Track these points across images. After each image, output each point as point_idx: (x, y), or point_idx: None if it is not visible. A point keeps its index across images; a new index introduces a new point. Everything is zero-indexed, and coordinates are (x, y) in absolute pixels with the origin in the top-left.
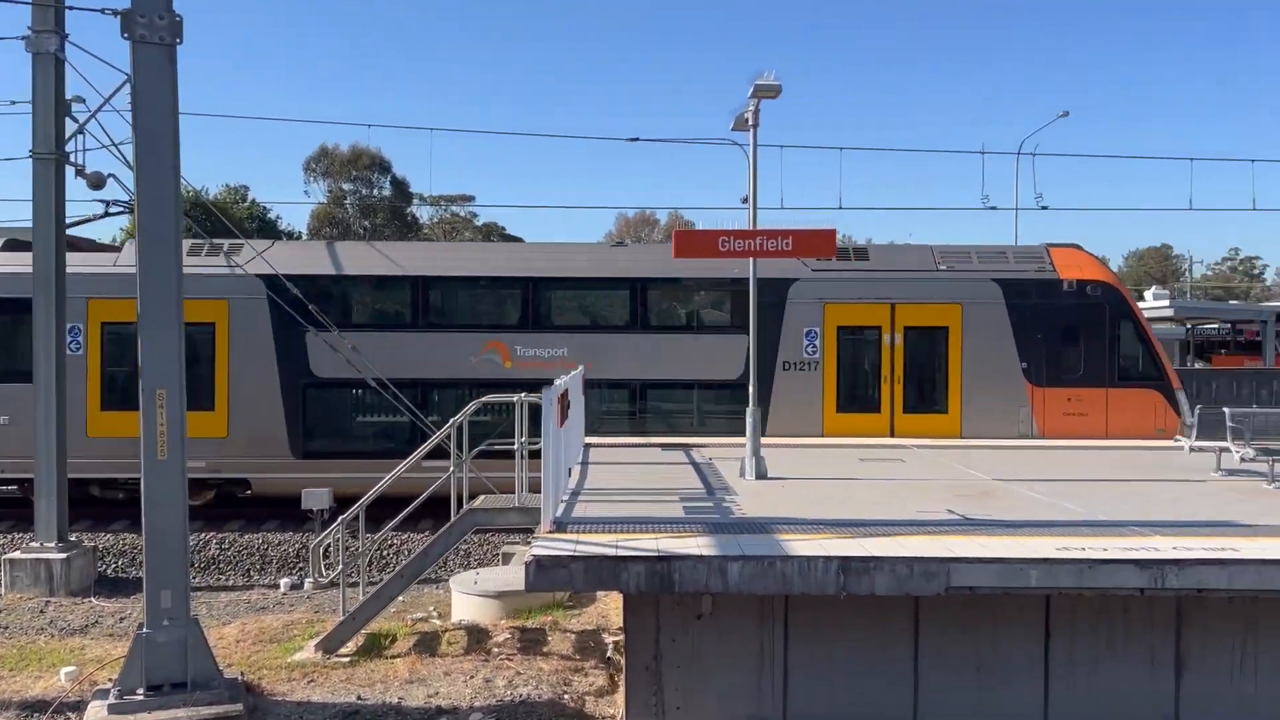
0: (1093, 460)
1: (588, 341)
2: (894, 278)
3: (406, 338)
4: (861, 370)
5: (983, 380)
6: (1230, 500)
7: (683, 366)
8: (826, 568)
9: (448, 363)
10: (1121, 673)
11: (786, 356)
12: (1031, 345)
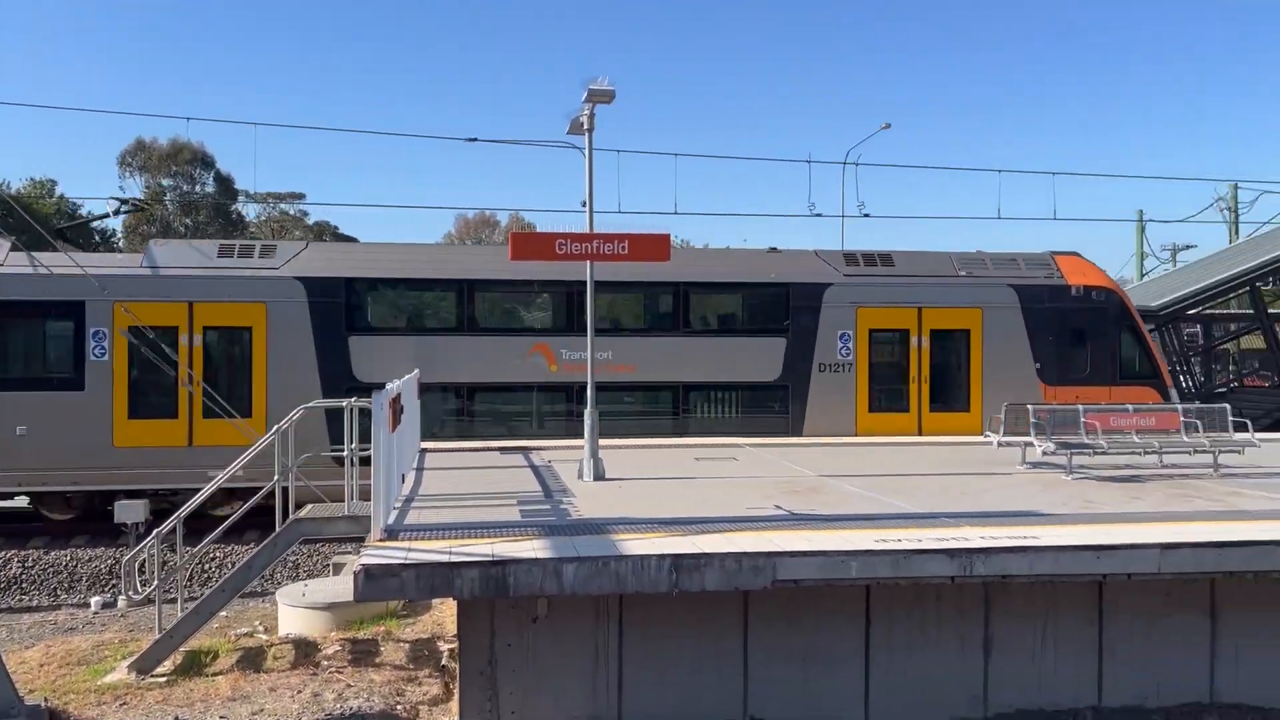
0: (913, 456)
1: (631, 344)
2: (920, 283)
3: (453, 341)
4: (891, 371)
5: (1001, 380)
6: (1033, 491)
7: (723, 368)
8: (659, 566)
9: (495, 366)
10: (935, 657)
11: (822, 359)
12: (1043, 346)
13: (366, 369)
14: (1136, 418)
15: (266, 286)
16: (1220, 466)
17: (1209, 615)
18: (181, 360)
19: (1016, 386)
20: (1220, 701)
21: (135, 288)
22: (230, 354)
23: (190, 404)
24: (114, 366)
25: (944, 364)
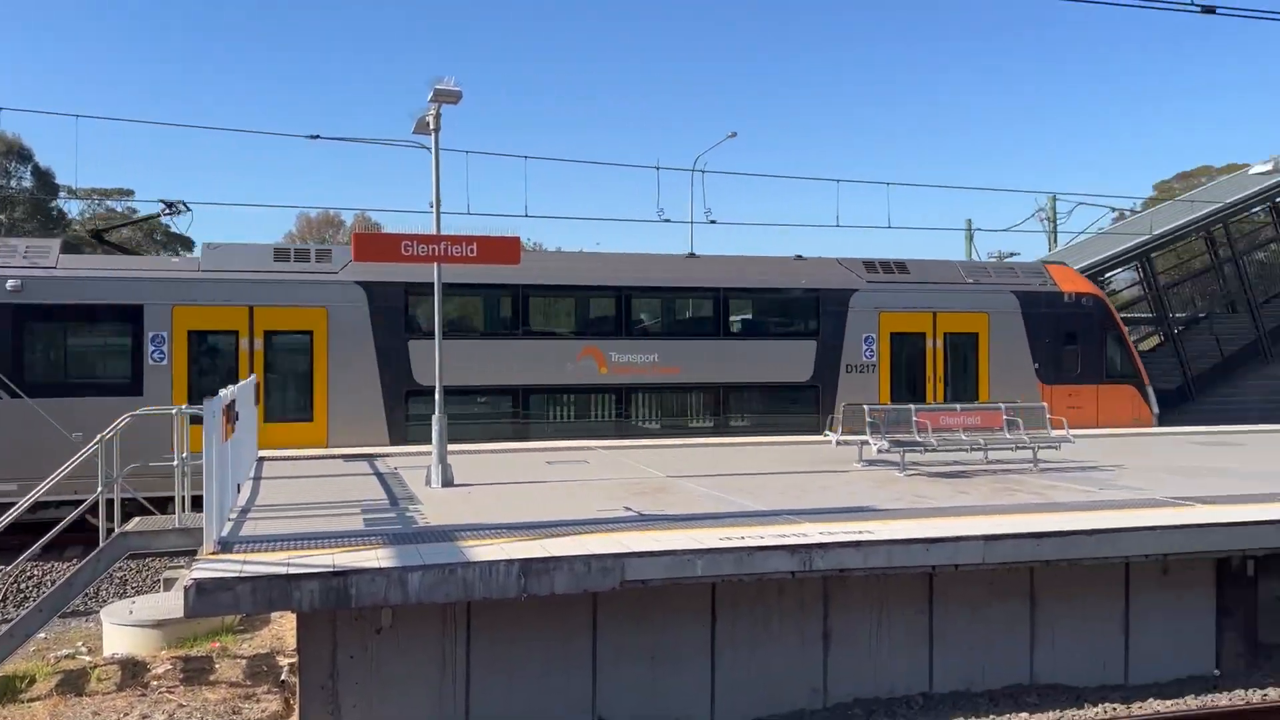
0: (759, 455)
1: (676, 346)
2: (935, 289)
3: (508, 345)
4: (909, 372)
5: (1005, 379)
6: (868, 488)
7: (759, 369)
8: (508, 571)
9: (548, 369)
10: (777, 651)
11: (849, 360)
12: (1041, 348)
13: (426, 372)
14: (963, 416)
15: (327, 291)
16: (1039, 461)
17: (1029, 602)
18: (243, 362)
19: (1018, 385)
20: (1039, 683)
21: (195, 292)
22: (291, 358)
23: None
24: (173, 370)
25: (956, 364)
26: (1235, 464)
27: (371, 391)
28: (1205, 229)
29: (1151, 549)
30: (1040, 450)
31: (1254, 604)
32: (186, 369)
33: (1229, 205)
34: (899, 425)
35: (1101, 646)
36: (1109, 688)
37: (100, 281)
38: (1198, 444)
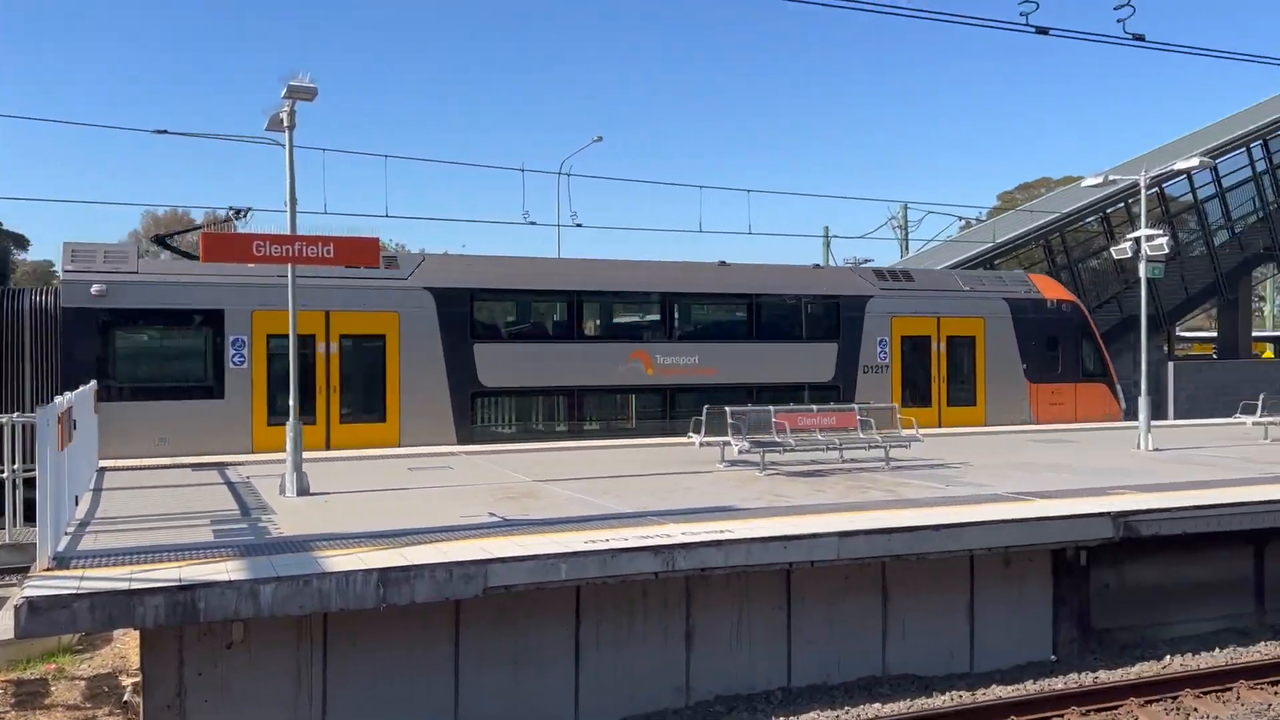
0: (625, 457)
1: (714, 349)
2: (939, 296)
3: (563, 348)
4: (917, 371)
5: (998, 379)
6: (730, 487)
7: (788, 370)
8: (366, 580)
9: (600, 371)
10: (641, 651)
11: (866, 361)
12: (1028, 350)
13: (490, 374)
14: (820, 417)
15: (398, 296)
16: (891, 460)
17: (881, 596)
18: (319, 366)
19: (1009, 384)
20: (891, 674)
21: (274, 296)
22: (365, 361)
23: (328, 409)
24: (253, 374)
25: (956, 365)
26: (1070, 460)
27: (440, 393)
28: (1044, 237)
29: (994, 542)
30: (892, 449)
31: (1086, 592)
32: (265, 373)
33: (1065, 215)
34: (759, 427)
35: (949, 637)
36: (955, 676)
37: (181, 286)
38: (1037, 442)
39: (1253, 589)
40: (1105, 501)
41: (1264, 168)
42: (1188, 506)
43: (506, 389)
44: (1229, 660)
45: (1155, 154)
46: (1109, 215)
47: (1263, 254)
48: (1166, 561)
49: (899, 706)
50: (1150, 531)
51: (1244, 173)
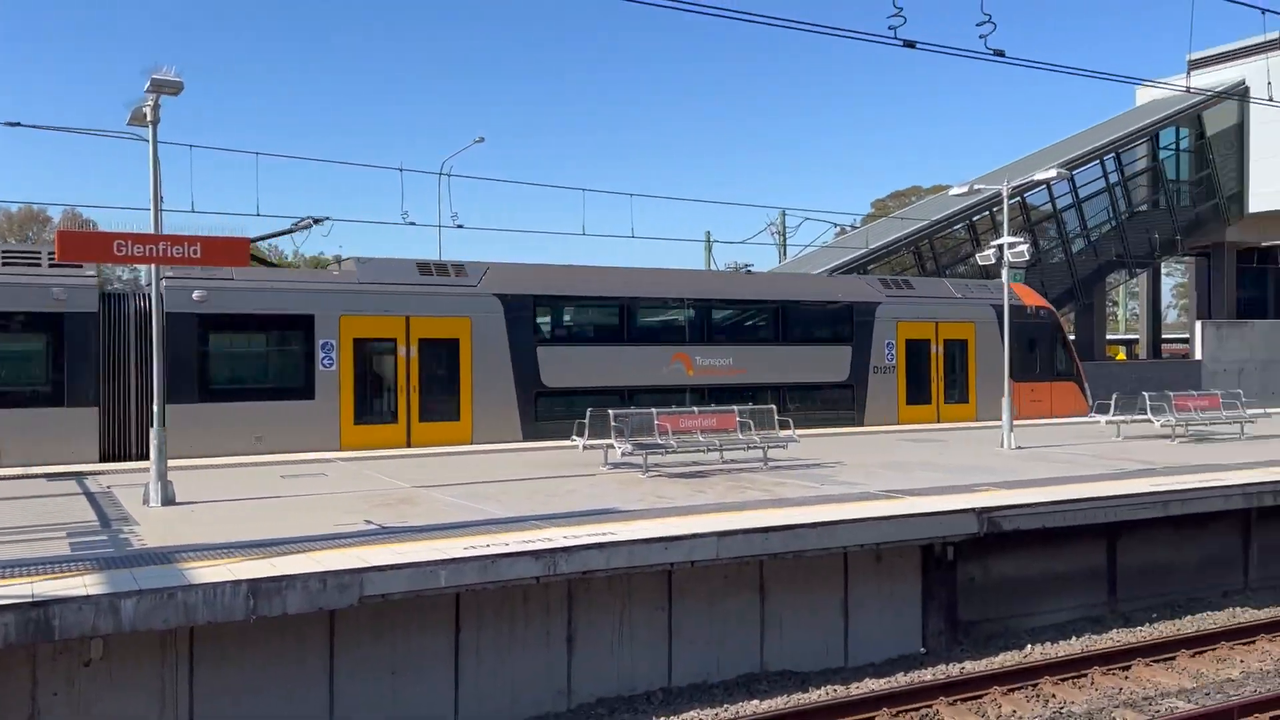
0: (508, 461)
1: (745, 351)
2: (935, 302)
3: (615, 351)
4: (919, 372)
5: (987, 378)
6: (613, 490)
7: (809, 370)
8: (235, 592)
9: (648, 371)
10: (522, 655)
11: (875, 362)
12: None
13: (552, 375)
14: (701, 419)
15: (470, 303)
16: (770, 460)
17: (759, 594)
18: (401, 368)
19: (995, 383)
20: (769, 670)
21: (359, 302)
22: (441, 363)
23: (408, 409)
24: (340, 375)
25: (952, 366)
26: (938, 458)
27: (507, 392)
28: (914, 244)
29: (867, 539)
30: (770, 450)
31: (954, 586)
32: (353, 374)
33: (934, 223)
34: (642, 429)
35: (824, 632)
36: (831, 671)
37: (275, 292)
38: (908, 441)
39: (1106, 579)
40: (970, 498)
41: (1116, 179)
42: (1046, 502)
43: (566, 389)
44: (1084, 648)
45: (1018, 165)
46: (975, 223)
47: (1115, 261)
48: (1027, 555)
49: (777, 703)
50: (1012, 526)
51: (1098, 184)
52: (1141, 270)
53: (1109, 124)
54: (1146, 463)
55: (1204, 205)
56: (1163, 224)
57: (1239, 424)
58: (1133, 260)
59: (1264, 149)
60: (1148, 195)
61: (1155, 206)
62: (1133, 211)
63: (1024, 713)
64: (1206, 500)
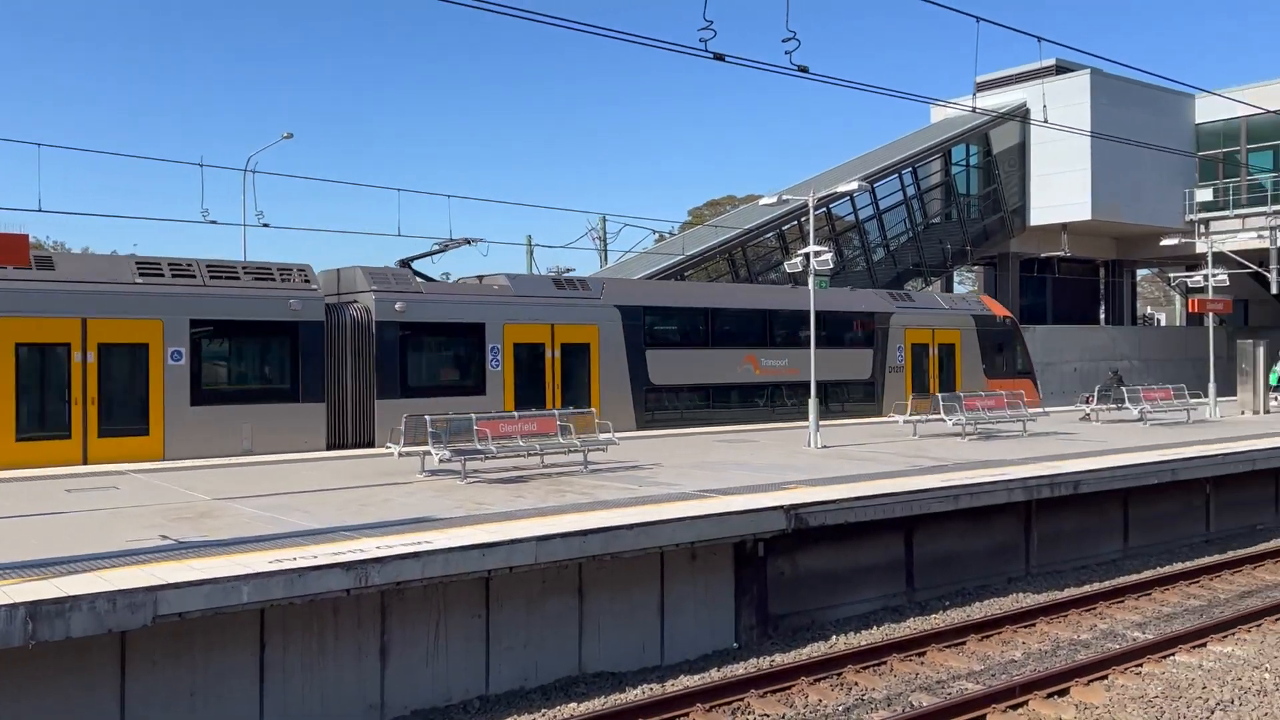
0: (318, 471)
1: (796, 354)
2: (932, 313)
3: (702, 353)
4: (920, 371)
5: (969, 375)
6: (429, 497)
7: (844, 369)
8: (10, 616)
9: (725, 370)
10: (333, 671)
11: (890, 363)
12: (986, 354)
13: (657, 374)
14: (521, 423)
15: (596, 312)
16: (590, 463)
17: (578, 596)
18: (548, 368)
19: (975, 379)
20: (587, 672)
21: (517, 312)
22: (577, 364)
23: (554, 402)
24: (504, 376)
25: (943, 366)
26: (750, 458)
27: (624, 388)
28: (728, 251)
29: (683, 538)
30: (590, 453)
31: (764, 581)
32: (513, 373)
33: (746, 231)
34: (460, 434)
35: (641, 632)
36: (648, 670)
37: (455, 304)
38: (722, 442)
39: (904, 570)
40: (779, 496)
41: (913, 192)
42: (849, 498)
43: (668, 385)
44: (884, 636)
45: (823, 177)
46: (785, 232)
47: (913, 269)
48: (832, 549)
49: (595, 704)
50: (818, 522)
51: (897, 196)
52: (936, 278)
53: (906, 140)
54: (939, 459)
55: (991, 218)
56: (954, 235)
57: (1021, 422)
58: (928, 269)
59: (1043, 167)
60: (941, 208)
61: (948, 218)
62: (928, 223)
63: (829, 701)
64: (992, 494)
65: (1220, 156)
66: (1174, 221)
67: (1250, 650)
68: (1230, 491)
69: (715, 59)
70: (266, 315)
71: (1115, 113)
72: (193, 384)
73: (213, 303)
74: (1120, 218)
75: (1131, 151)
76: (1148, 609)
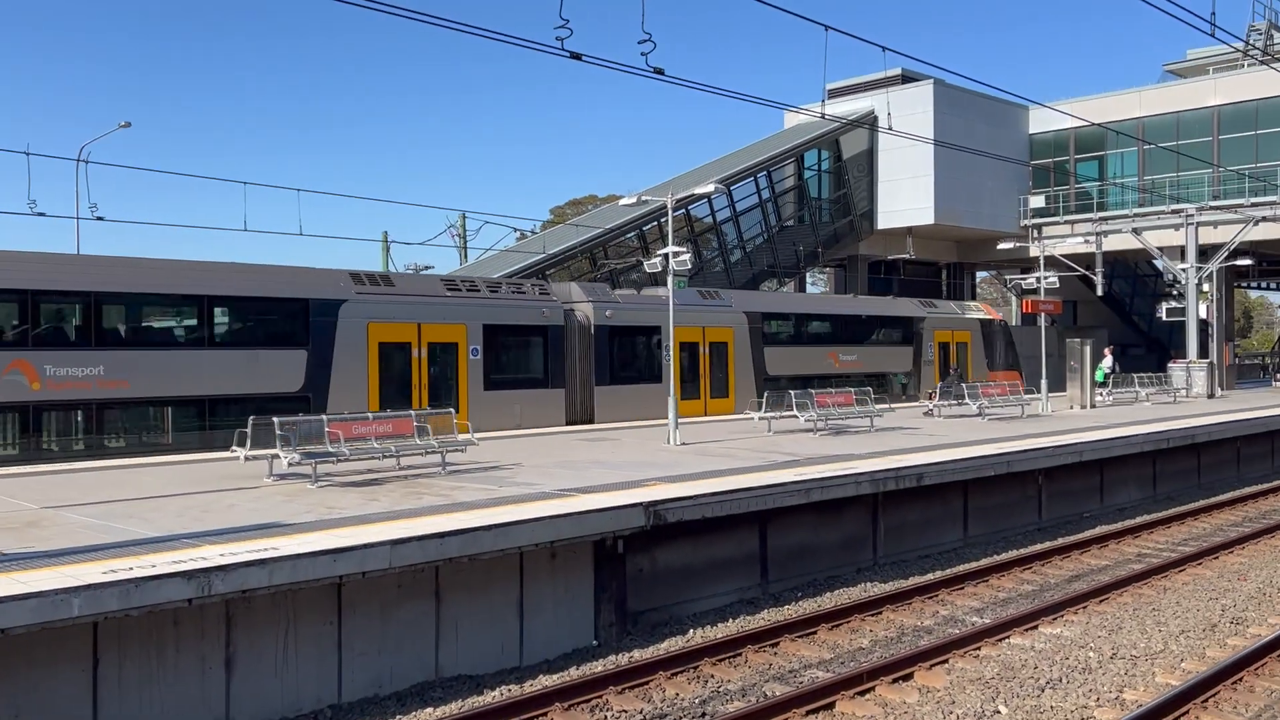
0: (156, 476)
1: (857, 350)
2: (952, 317)
3: (799, 349)
4: (945, 364)
5: (978, 368)
6: (277, 502)
7: (890, 364)
8: None
9: (813, 364)
10: (174, 685)
11: (924, 358)
12: (989, 351)
13: (773, 367)
14: (375, 425)
15: (731, 317)
16: (449, 464)
17: (435, 600)
18: (701, 361)
19: (980, 371)
20: (444, 676)
21: (680, 318)
22: (719, 357)
23: (706, 389)
24: (670, 367)
25: (960, 360)
26: (610, 456)
27: (750, 378)
28: (589, 250)
29: (542, 538)
30: (449, 454)
31: (623, 578)
32: (679, 366)
33: (607, 231)
34: (311, 437)
35: (500, 633)
36: (506, 671)
37: (638, 310)
38: (584, 441)
39: (759, 564)
40: (639, 493)
41: (768, 196)
42: (706, 494)
43: (778, 376)
44: (740, 629)
45: (682, 179)
46: (645, 233)
47: (768, 270)
48: (690, 544)
49: (451, 708)
50: (676, 518)
51: (753, 199)
52: (790, 279)
53: (761, 144)
54: (792, 455)
55: (841, 221)
56: (807, 238)
57: (869, 418)
58: (782, 270)
59: (890, 173)
60: (795, 211)
61: (801, 221)
62: (782, 226)
63: (686, 694)
64: (842, 487)
65: (1051, 165)
66: (1010, 226)
67: (1077, 631)
68: (1060, 482)
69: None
70: (529, 320)
71: (956, 122)
72: (485, 373)
73: (495, 310)
74: (961, 222)
75: (971, 159)
76: (985, 595)
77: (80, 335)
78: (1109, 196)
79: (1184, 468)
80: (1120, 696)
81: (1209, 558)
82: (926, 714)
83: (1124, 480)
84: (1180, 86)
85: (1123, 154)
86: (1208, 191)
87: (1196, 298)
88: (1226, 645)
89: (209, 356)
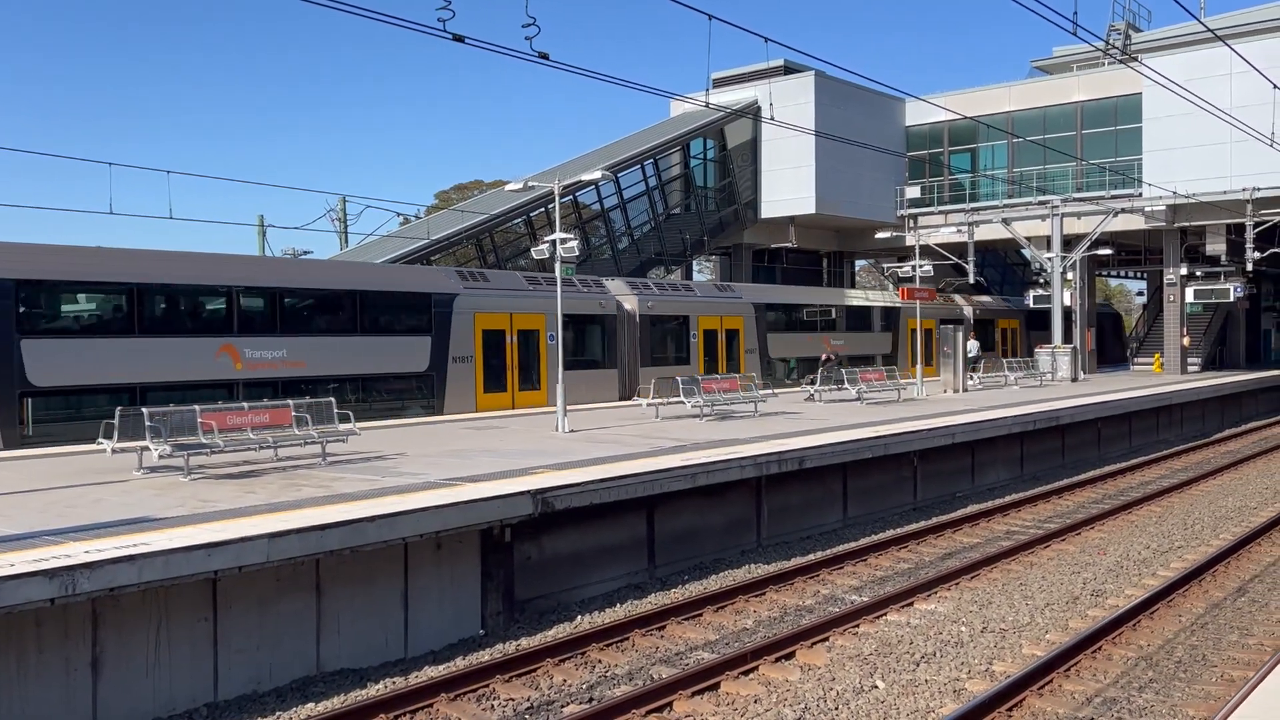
0: (11, 473)
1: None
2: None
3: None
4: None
5: None
6: (148, 497)
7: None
8: None
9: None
10: (36, 691)
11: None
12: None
13: (775, 350)
14: (252, 415)
15: (741, 307)
16: (329, 455)
17: (315, 593)
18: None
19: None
20: (326, 670)
21: (703, 308)
22: (732, 340)
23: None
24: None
25: (928, 344)
26: (499, 445)
27: (755, 359)
28: (476, 236)
29: (428, 528)
30: (330, 444)
31: (511, 566)
32: (703, 350)
33: (493, 216)
34: (183, 428)
35: (384, 626)
36: (391, 664)
37: (673, 302)
38: (472, 430)
39: (646, 548)
40: (526, 481)
41: (655, 184)
42: (594, 480)
43: (781, 358)
44: (627, 614)
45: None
46: (532, 219)
47: (655, 258)
48: (578, 531)
49: (333, 703)
50: (564, 505)
51: (640, 187)
52: (676, 267)
53: (648, 132)
54: (679, 440)
55: (726, 210)
56: (693, 226)
57: (753, 404)
58: (669, 258)
59: (773, 163)
60: (681, 199)
61: (687, 210)
62: (669, 214)
63: (573, 680)
64: (726, 471)
65: (926, 157)
66: (888, 216)
67: (949, 607)
68: (934, 463)
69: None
70: (591, 311)
71: (836, 113)
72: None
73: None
74: (841, 212)
75: (851, 150)
76: (864, 574)
77: (269, 324)
78: (980, 188)
79: (1049, 448)
80: (990, 669)
81: (1071, 534)
82: (808, 691)
83: (994, 461)
84: (1047, 82)
85: (993, 146)
86: (1071, 184)
87: (1061, 285)
88: (1087, 616)
89: (363, 342)
